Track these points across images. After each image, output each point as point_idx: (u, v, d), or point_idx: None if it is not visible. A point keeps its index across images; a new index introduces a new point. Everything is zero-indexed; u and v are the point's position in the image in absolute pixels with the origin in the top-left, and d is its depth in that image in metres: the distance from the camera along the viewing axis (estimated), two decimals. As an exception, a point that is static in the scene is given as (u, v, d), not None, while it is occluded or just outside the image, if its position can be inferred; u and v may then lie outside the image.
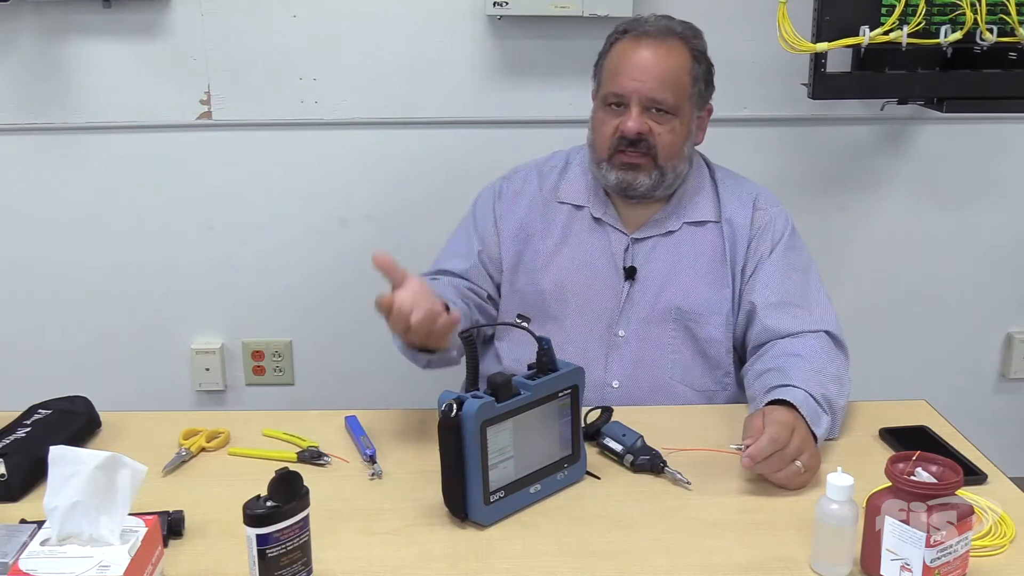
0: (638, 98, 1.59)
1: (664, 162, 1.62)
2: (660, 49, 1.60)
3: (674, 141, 1.62)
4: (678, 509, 1.28)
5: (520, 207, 1.73)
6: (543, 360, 1.30)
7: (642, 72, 1.59)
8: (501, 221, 1.73)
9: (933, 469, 1.11)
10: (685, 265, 1.67)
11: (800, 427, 1.34)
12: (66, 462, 1.08)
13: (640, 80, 1.59)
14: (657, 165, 1.61)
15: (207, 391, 2.46)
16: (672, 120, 1.61)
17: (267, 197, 2.32)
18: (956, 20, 1.98)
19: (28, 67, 2.20)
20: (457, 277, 1.71)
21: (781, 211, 1.71)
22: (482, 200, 1.77)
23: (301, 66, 2.23)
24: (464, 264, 1.72)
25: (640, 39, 1.62)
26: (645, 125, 1.59)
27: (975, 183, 2.40)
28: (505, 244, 1.72)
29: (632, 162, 1.61)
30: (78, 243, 2.33)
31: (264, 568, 1.06)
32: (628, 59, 1.61)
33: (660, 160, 1.61)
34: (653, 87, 1.59)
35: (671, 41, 1.62)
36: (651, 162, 1.61)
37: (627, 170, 1.62)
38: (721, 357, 1.67)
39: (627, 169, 1.62)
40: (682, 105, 1.61)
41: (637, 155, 1.60)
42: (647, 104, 1.59)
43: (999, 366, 2.56)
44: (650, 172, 1.62)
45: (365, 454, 1.41)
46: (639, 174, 1.62)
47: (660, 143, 1.60)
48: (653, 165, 1.61)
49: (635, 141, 1.59)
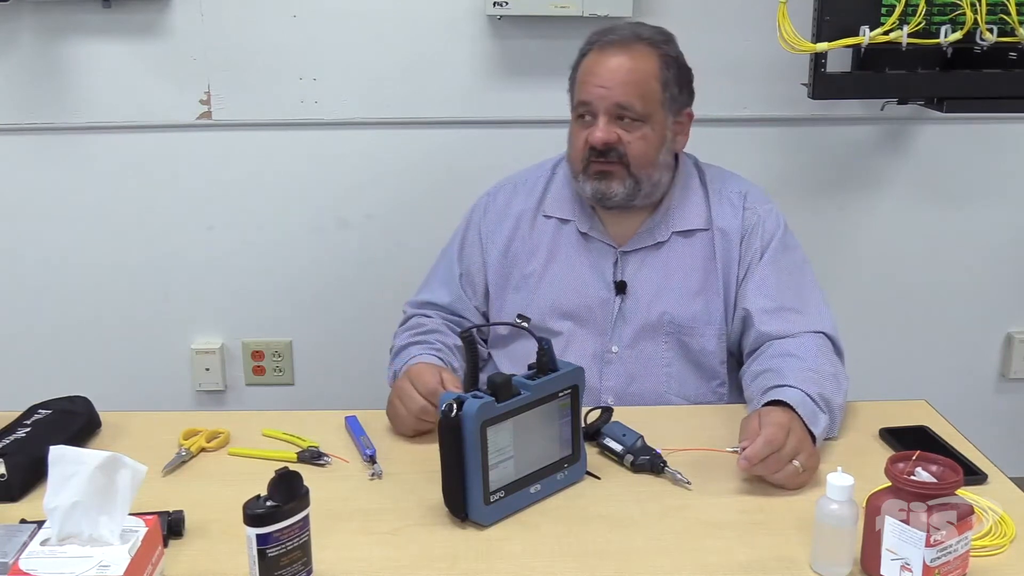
0: (604, 106, 1.57)
1: (637, 171, 1.59)
2: (625, 56, 1.58)
3: (646, 149, 1.59)
4: (678, 509, 1.28)
5: (507, 224, 1.72)
6: (543, 360, 1.30)
7: (607, 79, 1.57)
8: (488, 240, 1.73)
9: (933, 469, 1.11)
10: (676, 277, 1.65)
11: (796, 427, 1.34)
12: (66, 462, 1.08)
13: (606, 87, 1.57)
14: (630, 174, 1.59)
15: (207, 391, 2.46)
16: (642, 127, 1.58)
17: (267, 197, 2.32)
18: (956, 20, 1.98)
19: (28, 67, 2.20)
20: (442, 310, 1.73)
21: (771, 209, 1.68)
22: (469, 217, 1.77)
23: (301, 66, 2.23)
24: (448, 296, 1.74)
25: (605, 48, 1.59)
26: (613, 134, 1.57)
27: (975, 183, 2.40)
28: (491, 265, 1.72)
29: (604, 170, 1.59)
30: (78, 243, 2.33)
31: (264, 568, 1.06)
32: (594, 68, 1.59)
33: (632, 169, 1.59)
34: (618, 93, 1.56)
35: (637, 47, 1.59)
36: (623, 170, 1.59)
37: (600, 179, 1.60)
38: (715, 368, 1.66)
39: (600, 178, 1.59)
40: (653, 112, 1.59)
41: (608, 163, 1.58)
42: (615, 112, 1.57)
43: (999, 366, 2.56)
44: (624, 180, 1.59)
45: (365, 454, 1.41)
46: (612, 182, 1.59)
47: (631, 152, 1.58)
48: (626, 173, 1.59)
49: (604, 151, 1.57)
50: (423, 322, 1.71)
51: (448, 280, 1.75)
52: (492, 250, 1.72)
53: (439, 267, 1.79)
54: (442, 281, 1.76)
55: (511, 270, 1.71)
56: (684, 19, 2.19)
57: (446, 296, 1.74)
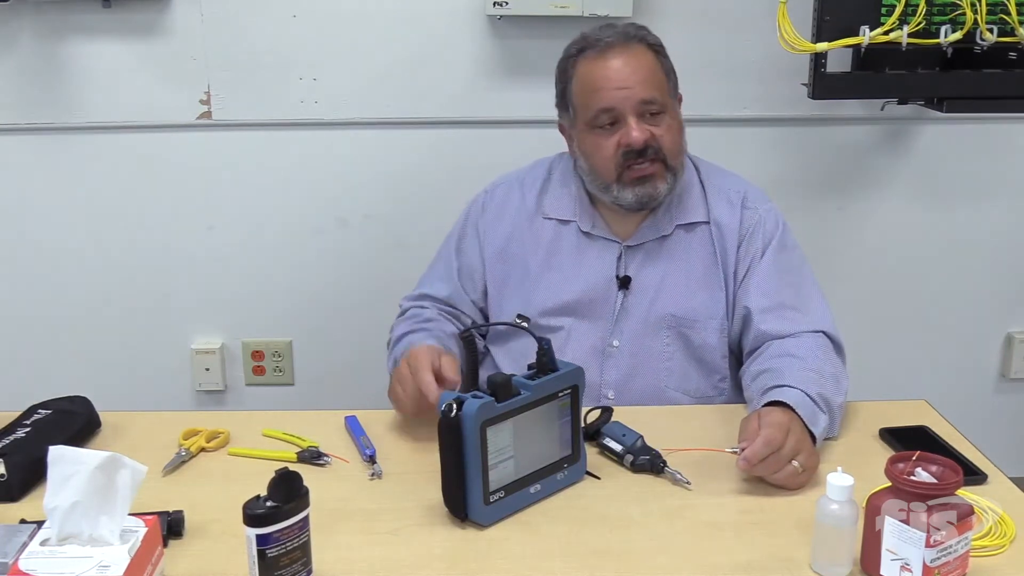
0: (631, 105, 1.56)
1: (673, 162, 1.60)
2: (628, 54, 1.58)
3: (675, 138, 1.60)
4: (678, 509, 1.28)
5: (504, 223, 1.72)
6: (543, 360, 1.30)
7: (624, 80, 1.56)
8: (485, 238, 1.73)
9: (933, 469, 1.11)
10: (679, 271, 1.65)
11: (796, 428, 1.34)
12: (66, 462, 1.08)
13: (627, 87, 1.56)
14: (668, 168, 1.59)
15: (207, 391, 2.46)
16: (665, 118, 1.59)
17: (267, 197, 2.32)
18: (956, 20, 1.98)
19: (28, 67, 2.20)
20: (439, 303, 1.73)
21: (771, 209, 1.68)
22: (467, 213, 1.77)
23: (301, 66, 2.23)
24: (446, 290, 1.74)
25: (604, 52, 1.58)
26: (647, 131, 1.57)
27: (975, 183, 2.40)
28: (489, 263, 1.72)
29: (645, 174, 1.58)
30: (78, 243, 2.33)
31: (264, 568, 1.06)
32: (602, 74, 1.58)
33: (669, 161, 1.59)
34: (640, 90, 1.56)
35: (633, 44, 1.59)
36: (662, 167, 1.59)
37: (642, 183, 1.58)
38: (716, 362, 1.66)
39: (643, 183, 1.58)
40: (668, 101, 1.60)
41: (647, 164, 1.58)
42: (641, 110, 1.57)
43: (999, 366, 2.56)
44: (664, 177, 1.59)
45: (365, 454, 1.41)
46: (656, 183, 1.59)
47: (665, 144, 1.58)
48: (664, 169, 1.59)
49: (642, 151, 1.57)
50: (421, 312, 1.71)
51: (446, 275, 1.75)
52: (490, 247, 1.72)
53: (437, 263, 1.79)
54: (440, 276, 1.76)
55: (510, 268, 1.71)
56: (684, 19, 2.19)
57: (444, 290, 1.74)
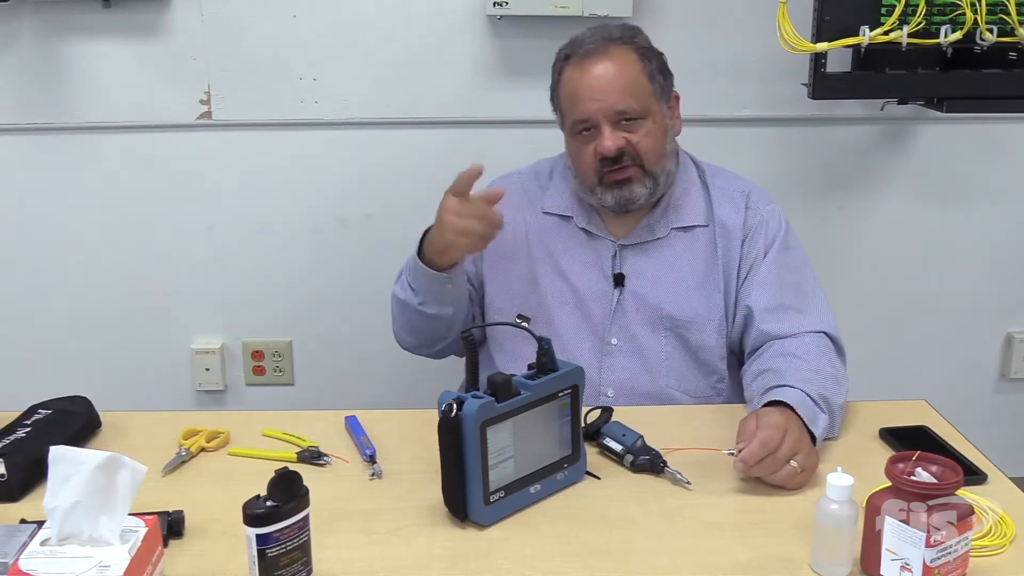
0: (604, 116, 1.57)
1: (652, 166, 1.60)
2: (606, 61, 1.58)
3: (654, 143, 1.60)
4: (678, 509, 1.28)
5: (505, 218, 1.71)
6: (543, 360, 1.30)
7: (598, 91, 1.57)
8: None
9: (933, 469, 1.11)
10: (675, 272, 1.66)
11: (793, 428, 1.34)
12: (66, 462, 1.08)
13: (600, 99, 1.57)
14: (646, 172, 1.60)
15: (207, 391, 2.46)
16: (644, 124, 1.59)
17: (267, 197, 2.32)
18: (956, 20, 1.98)
19: (28, 67, 2.20)
20: None
21: (774, 209, 1.69)
22: None
23: (301, 66, 2.23)
24: None
25: (583, 60, 1.59)
26: (621, 139, 1.58)
27: (975, 183, 2.40)
28: (488, 257, 1.72)
29: (622, 178, 1.60)
30: (78, 243, 2.33)
31: (264, 568, 1.06)
32: (580, 83, 1.59)
33: (647, 166, 1.60)
34: (614, 100, 1.57)
35: (614, 49, 1.59)
36: (639, 171, 1.60)
37: (620, 187, 1.60)
38: (715, 363, 1.67)
39: (620, 186, 1.60)
40: (649, 106, 1.60)
41: (622, 169, 1.59)
42: (615, 118, 1.57)
43: (999, 366, 2.56)
44: (642, 181, 1.60)
45: (365, 454, 1.41)
46: (632, 187, 1.60)
47: (641, 149, 1.59)
48: (642, 173, 1.60)
49: (616, 158, 1.58)
50: None
51: None
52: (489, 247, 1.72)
53: None
54: None
55: (510, 265, 1.71)
56: (684, 19, 2.19)
57: None
